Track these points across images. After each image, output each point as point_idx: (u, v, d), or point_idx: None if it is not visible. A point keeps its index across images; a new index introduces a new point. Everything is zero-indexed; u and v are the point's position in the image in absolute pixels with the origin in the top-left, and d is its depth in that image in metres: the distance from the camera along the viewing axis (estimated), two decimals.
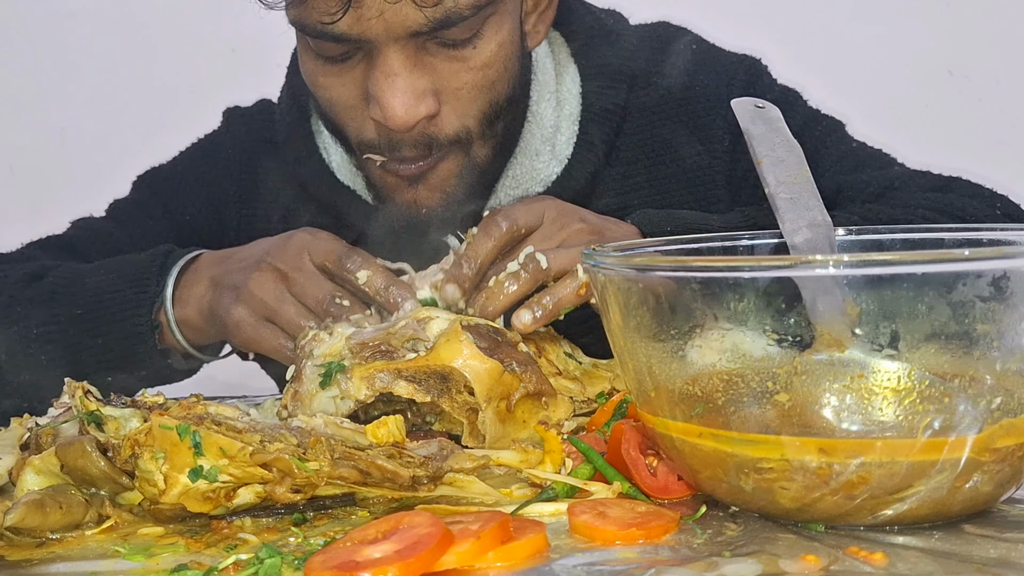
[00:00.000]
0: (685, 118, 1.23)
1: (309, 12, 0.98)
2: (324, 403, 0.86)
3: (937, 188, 1.17)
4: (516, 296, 0.96)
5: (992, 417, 0.59)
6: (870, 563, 0.58)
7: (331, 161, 1.22)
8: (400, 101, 1.00)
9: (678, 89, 1.23)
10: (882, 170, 1.22)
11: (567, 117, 1.20)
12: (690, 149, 1.22)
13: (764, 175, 0.78)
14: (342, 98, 1.06)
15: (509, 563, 0.60)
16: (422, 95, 1.01)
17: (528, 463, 0.78)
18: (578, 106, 1.20)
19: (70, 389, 0.76)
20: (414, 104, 1.00)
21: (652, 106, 1.23)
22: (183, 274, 1.10)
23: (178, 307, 1.09)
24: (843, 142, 1.25)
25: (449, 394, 0.84)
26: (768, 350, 0.64)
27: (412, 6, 0.96)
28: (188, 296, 1.08)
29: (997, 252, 0.61)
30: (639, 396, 0.69)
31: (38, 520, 0.66)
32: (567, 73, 1.21)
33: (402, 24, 0.97)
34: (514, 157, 1.17)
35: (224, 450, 0.67)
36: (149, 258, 1.12)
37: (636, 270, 0.66)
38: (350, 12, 0.96)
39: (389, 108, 1.00)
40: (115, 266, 1.14)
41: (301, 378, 0.87)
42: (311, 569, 0.58)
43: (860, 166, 1.22)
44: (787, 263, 0.63)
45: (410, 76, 1.00)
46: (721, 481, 0.65)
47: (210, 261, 1.10)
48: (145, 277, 1.10)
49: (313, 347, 0.89)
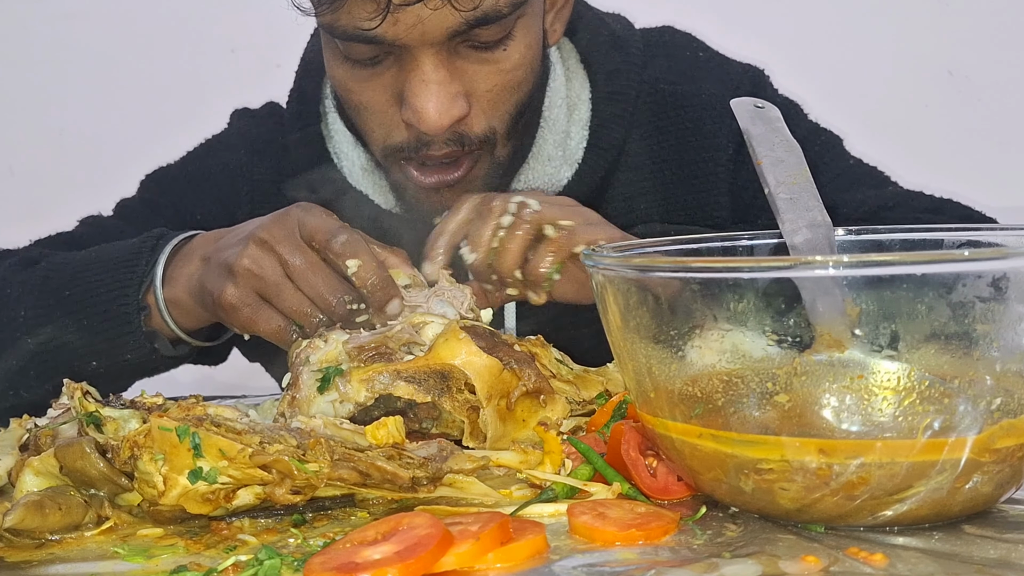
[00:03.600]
0: (690, 125, 1.23)
1: (344, 17, 0.99)
2: (322, 408, 0.85)
3: (930, 210, 1.19)
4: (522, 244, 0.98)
5: (992, 418, 0.59)
6: (870, 564, 0.57)
7: (342, 166, 1.22)
8: (434, 104, 1.02)
9: (684, 96, 1.24)
10: (876, 189, 1.23)
11: (577, 122, 1.21)
12: (694, 156, 1.23)
13: (764, 175, 0.78)
14: (372, 102, 1.07)
15: (509, 564, 0.60)
16: (455, 97, 1.03)
17: (528, 464, 0.78)
18: (588, 111, 1.21)
19: (69, 390, 0.76)
20: (448, 107, 1.02)
21: (659, 112, 1.24)
22: (175, 255, 1.08)
23: (167, 287, 1.06)
24: (841, 159, 1.26)
25: (449, 393, 0.84)
26: (768, 351, 0.64)
27: (450, 9, 0.97)
28: (178, 275, 1.06)
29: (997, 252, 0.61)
30: (639, 397, 0.69)
31: (37, 521, 0.66)
32: (576, 78, 1.22)
33: (439, 27, 0.98)
34: (527, 162, 1.18)
35: (223, 451, 0.67)
36: (142, 240, 1.10)
37: (636, 270, 0.66)
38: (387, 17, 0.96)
39: (424, 112, 1.02)
40: (109, 250, 1.12)
41: (298, 384, 0.87)
42: (311, 570, 0.58)
43: (856, 184, 1.24)
44: (787, 264, 0.63)
45: (444, 80, 1.02)
46: (721, 482, 0.65)
47: (203, 240, 1.07)
48: (135, 257, 1.08)
49: (309, 354, 0.88)
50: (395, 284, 0.96)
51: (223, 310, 1.00)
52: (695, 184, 1.22)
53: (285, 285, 0.97)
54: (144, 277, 1.07)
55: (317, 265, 0.97)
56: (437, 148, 1.06)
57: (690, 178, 1.23)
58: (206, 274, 1.02)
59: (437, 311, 0.94)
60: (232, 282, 0.98)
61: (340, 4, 0.98)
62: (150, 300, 1.07)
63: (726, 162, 1.23)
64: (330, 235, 0.96)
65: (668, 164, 1.23)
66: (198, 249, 1.07)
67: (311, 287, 0.96)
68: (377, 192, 1.20)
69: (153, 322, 1.08)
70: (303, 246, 0.97)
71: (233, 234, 1.04)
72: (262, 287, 0.97)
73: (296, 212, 1.00)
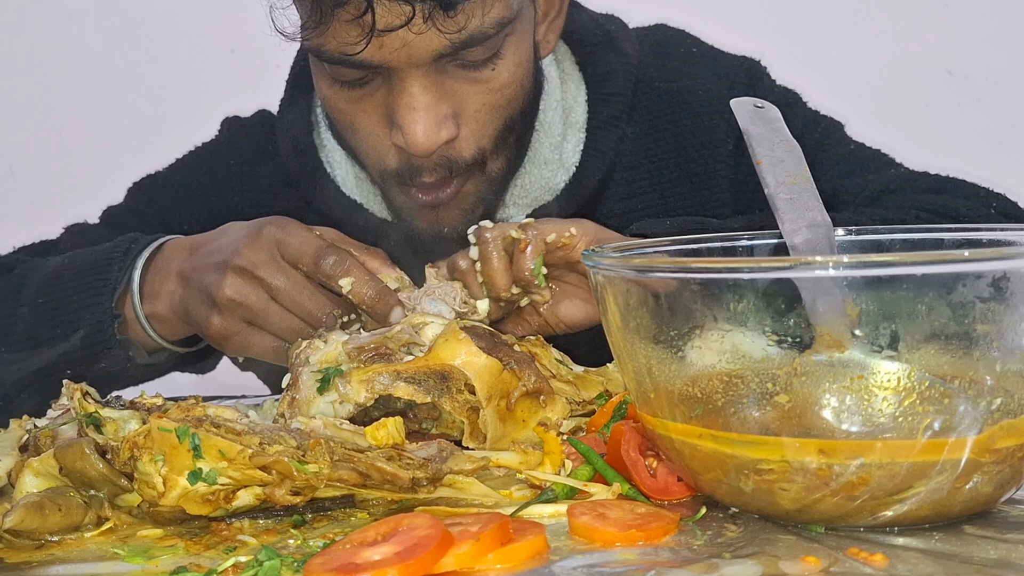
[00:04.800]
0: (688, 122, 1.23)
1: (330, 41, 0.98)
2: (322, 409, 0.85)
3: (933, 190, 1.17)
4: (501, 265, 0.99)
5: (992, 418, 0.59)
6: (870, 564, 0.57)
7: (335, 175, 1.21)
8: (422, 128, 1.00)
9: (680, 93, 1.23)
10: (879, 172, 1.22)
11: (573, 125, 1.20)
12: (693, 153, 1.22)
13: (763, 175, 0.78)
14: (362, 124, 1.06)
15: (509, 565, 0.60)
16: (443, 120, 1.02)
17: (528, 465, 0.78)
18: (584, 114, 1.20)
19: (69, 391, 0.76)
20: (435, 131, 1.01)
21: (655, 110, 1.23)
22: (150, 264, 1.07)
23: (147, 302, 1.05)
24: (842, 144, 1.25)
25: (449, 394, 0.84)
26: (768, 351, 0.64)
27: (435, 32, 0.96)
28: (159, 291, 1.05)
29: (997, 253, 0.61)
30: (639, 397, 0.69)
31: (37, 522, 0.66)
32: (572, 81, 1.21)
33: (426, 50, 0.97)
34: (522, 167, 1.17)
35: (223, 452, 0.67)
36: (113, 245, 1.09)
37: (636, 271, 0.66)
38: (372, 40, 0.95)
39: (412, 135, 1.01)
40: (81, 256, 1.11)
41: (298, 385, 0.87)
42: (310, 571, 0.58)
43: (859, 168, 1.23)
44: (787, 264, 0.63)
45: (432, 102, 1.01)
46: (721, 482, 0.65)
47: (176, 251, 1.06)
48: (107, 264, 1.07)
49: (309, 355, 0.88)
50: (392, 292, 0.96)
51: (212, 339, 1.00)
52: (695, 182, 1.22)
53: (272, 308, 0.97)
54: (117, 285, 1.05)
55: (301, 284, 0.97)
56: (428, 175, 1.05)
57: (689, 176, 1.22)
58: (189, 299, 1.01)
59: (431, 310, 0.95)
60: (216, 313, 0.98)
61: (324, 30, 0.97)
62: (125, 310, 1.06)
63: (726, 158, 1.22)
64: (317, 258, 0.96)
65: (666, 163, 1.22)
66: (173, 262, 1.05)
67: (298, 306, 0.97)
68: (371, 201, 1.19)
69: (130, 331, 1.07)
70: (284, 266, 0.97)
71: (208, 251, 1.02)
72: (248, 315, 0.98)
73: (271, 231, 0.98)
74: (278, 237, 0.98)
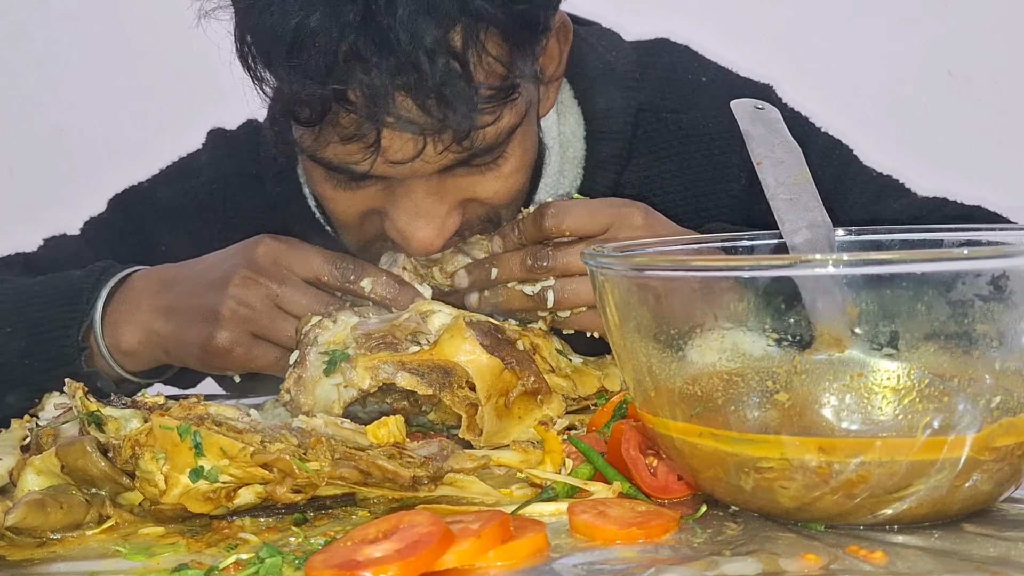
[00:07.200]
0: (697, 155, 1.17)
1: (329, 152, 0.93)
2: (327, 390, 0.87)
3: (960, 218, 1.15)
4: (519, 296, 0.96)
5: (991, 416, 0.60)
6: (870, 562, 0.58)
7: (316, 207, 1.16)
8: (425, 234, 0.95)
9: (689, 126, 1.18)
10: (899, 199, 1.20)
11: (571, 160, 1.15)
12: (703, 188, 1.17)
13: (763, 176, 0.78)
14: (352, 216, 1.00)
15: (509, 562, 0.60)
16: (447, 219, 0.96)
17: (528, 463, 0.78)
18: (582, 150, 1.15)
19: (70, 390, 0.77)
20: (439, 236, 0.96)
21: (661, 143, 1.17)
22: (114, 294, 1.03)
23: (109, 332, 1.02)
24: (862, 172, 1.23)
25: (450, 388, 0.86)
26: (768, 350, 0.64)
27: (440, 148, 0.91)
28: (125, 322, 1.02)
29: (996, 251, 0.61)
30: (639, 396, 0.69)
31: (39, 520, 0.66)
32: (570, 114, 1.15)
33: (432, 165, 0.92)
34: None
35: (225, 450, 0.67)
36: (84, 275, 1.06)
37: (636, 270, 0.66)
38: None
39: (416, 242, 0.96)
40: (53, 283, 1.08)
41: (305, 364, 0.88)
42: (312, 568, 0.58)
43: (881, 196, 1.20)
44: (787, 263, 0.64)
45: (434, 207, 0.95)
46: (721, 481, 0.65)
47: (146, 282, 1.03)
48: (77, 295, 1.04)
49: (317, 334, 0.89)
50: (410, 284, 0.97)
51: (214, 356, 0.97)
52: (703, 217, 1.14)
53: (277, 316, 0.96)
54: (84, 317, 1.03)
55: (304, 288, 0.96)
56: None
57: (698, 211, 1.15)
58: (181, 328, 0.99)
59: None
60: (221, 327, 0.96)
61: (322, 148, 0.92)
62: (91, 342, 1.04)
63: (738, 193, 1.16)
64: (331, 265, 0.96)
65: (672, 197, 1.16)
66: (144, 295, 1.02)
67: (302, 309, 0.96)
68: None
69: (94, 363, 1.04)
70: (286, 274, 0.96)
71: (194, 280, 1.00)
72: (254, 323, 0.96)
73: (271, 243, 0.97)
74: (281, 249, 0.97)
